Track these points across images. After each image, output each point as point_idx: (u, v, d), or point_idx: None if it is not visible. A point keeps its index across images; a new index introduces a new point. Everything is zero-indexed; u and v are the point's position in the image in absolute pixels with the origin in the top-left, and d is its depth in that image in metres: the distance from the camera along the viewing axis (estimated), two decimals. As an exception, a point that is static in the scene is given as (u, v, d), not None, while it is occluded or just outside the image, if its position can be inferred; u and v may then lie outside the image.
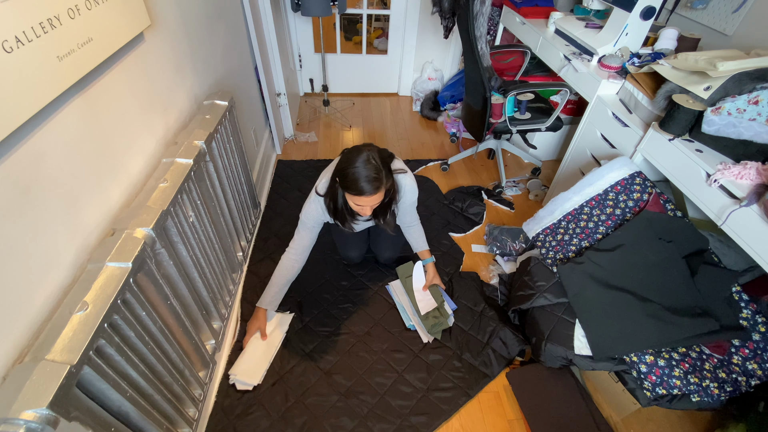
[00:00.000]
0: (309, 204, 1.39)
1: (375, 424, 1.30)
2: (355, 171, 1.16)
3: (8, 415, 0.58)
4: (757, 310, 1.21)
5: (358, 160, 1.16)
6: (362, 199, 1.20)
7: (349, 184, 1.18)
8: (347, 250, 1.72)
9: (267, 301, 1.47)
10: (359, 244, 1.72)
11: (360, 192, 1.17)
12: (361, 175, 1.15)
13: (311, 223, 1.42)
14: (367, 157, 1.17)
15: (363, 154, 1.17)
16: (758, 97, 1.11)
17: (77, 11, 0.76)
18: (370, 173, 1.16)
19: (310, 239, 1.46)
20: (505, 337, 1.51)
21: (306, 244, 1.46)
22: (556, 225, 1.59)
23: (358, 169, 1.15)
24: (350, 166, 1.16)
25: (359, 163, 1.16)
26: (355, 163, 1.16)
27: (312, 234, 1.45)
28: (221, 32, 1.61)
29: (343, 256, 1.77)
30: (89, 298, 0.73)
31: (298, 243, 1.46)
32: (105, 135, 0.90)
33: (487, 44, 1.88)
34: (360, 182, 1.16)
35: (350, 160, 1.17)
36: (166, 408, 0.98)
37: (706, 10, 1.73)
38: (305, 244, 1.46)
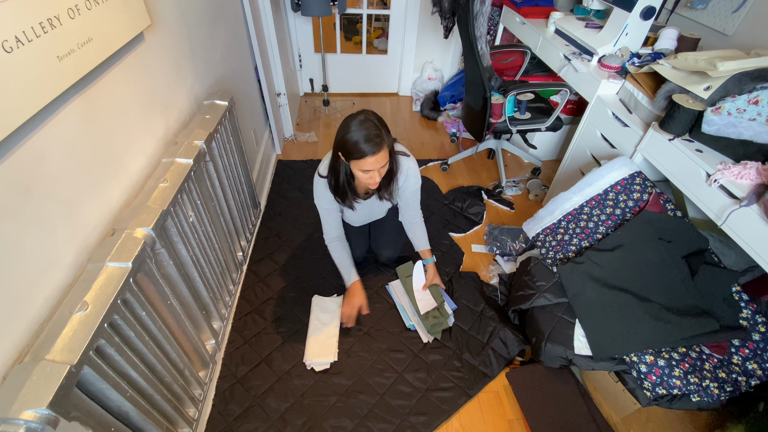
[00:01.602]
0: (317, 189, 1.40)
1: (375, 424, 1.30)
2: (354, 133, 1.14)
3: (8, 415, 0.58)
4: (757, 310, 1.21)
5: (354, 123, 1.15)
6: (367, 161, 1.16)
7: (351, 149, 1.15)
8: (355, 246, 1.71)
9: (354, 277, 1.54)
10: (360, 243, 1.71)
11: (363, 153, 1.14)
12: (360, 135, 1.13)
13: (326, 205, 1.44)
14: (364, 118, 1.15)
15: (359, 117, 1.16)
16: (758, 97, 1.11)
17: (77, 11, 0.76)
18: (369, 131, 1.13)
19: (335, 218, 1.49)
20: (505, 337, 1.51)
21: (335, 224, 1.50)
22: (556, 225, 1.59)
23: (357, 131, 1.14)
24: (348, 131, 1.15)
25: (355, 125, 1.14)
26: (352, 126, 1.15)
27: (334, 214, 1.48)
28: (221, 32, 1.61)
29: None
30: (89, 298, 0.73)
31: (328, 228, 1.50)
32: (105, 135, 0.90)
33: (487, 44, 1.88)
34: (361, 143, 1.13)
35: (347, 126, 1.16)
36: (166, 408, 0.98)
37: (706, 10, 1.73)
38: (335, 224, 1.50)
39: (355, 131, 1.14)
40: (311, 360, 1.43)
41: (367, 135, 1.13)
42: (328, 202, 1.42)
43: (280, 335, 1.52)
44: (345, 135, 1.16)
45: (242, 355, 1.45)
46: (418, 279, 1.68)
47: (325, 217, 1.48)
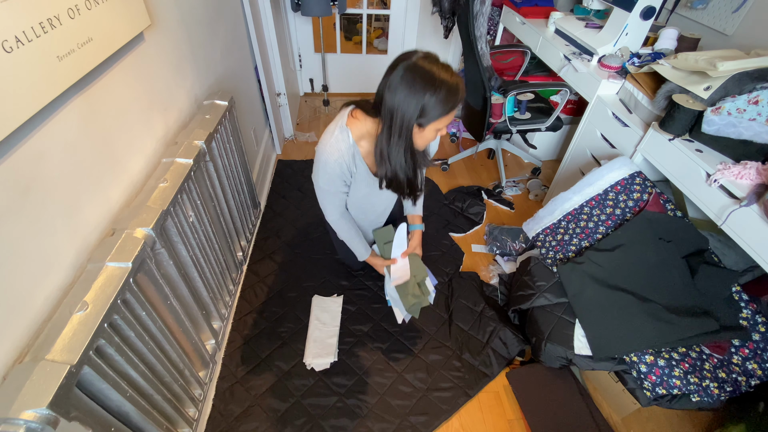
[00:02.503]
0: (325, 171, 1.13)
1: (375, 424, 1.30)
2: (446, 80, 0.90)
3: (8, 415, 0.58)
4: (757, 310, 1.21)
5: (437, 66, 0.91)
6: (454, 113, 0.96)
7: (444, 100, 0.92)
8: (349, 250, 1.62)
9: (365, 250, 1.39)
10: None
11: (459, 100, 0.93)
12: (453, 81, 0.91)
13: (334, 188, 1.20)
14: (429, 54, 0.93)
15: (425, 55, 0.92)
16: (758, 97, 1.11)
17: (77, 11, 0.75)
18: (453, 71, 0.92)
19: (341, 198, 1.26)
20: (505, 337, 1.51)
21: (339, 203, 1.27)
22: (556, 225, 1.59)
23: (445, 76, 0.90)
24: (439, 72, 0.90)
25: (440, 69, 0.90)
26: (436, 71, 0.90)
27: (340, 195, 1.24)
28: (221, 32, 1.61)
29: (347, 260, 1.71)
30: (89, 298, 0.73)
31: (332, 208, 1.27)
32: (105, 135, 0.90)
33: (487, 44, 1.88)
34: (457, 90, 0.92)
35: (430, 70, 0.90)
36: (166, 408, 0.98)
37: (706, 10, 1.73)
38: (339, 204, 1.27)
39: (447, 70, 0.91)
40: (311, 360, 1.43)
41: (457, 77, 0.91)
42: (336, 185, 1.19)
43: (280, 335, 1.52)
44: (439, 79, 0.90)
45: (242, 355, 1.45)
46: (399, 245, 1.41)
47: (328, 198, 1.24)
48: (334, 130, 1.11)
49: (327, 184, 1.18)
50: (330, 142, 1.10)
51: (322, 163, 1.13)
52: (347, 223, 1.34)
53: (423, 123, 0.97)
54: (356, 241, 1.38)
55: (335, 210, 1.29)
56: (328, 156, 1.10)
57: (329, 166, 1.12)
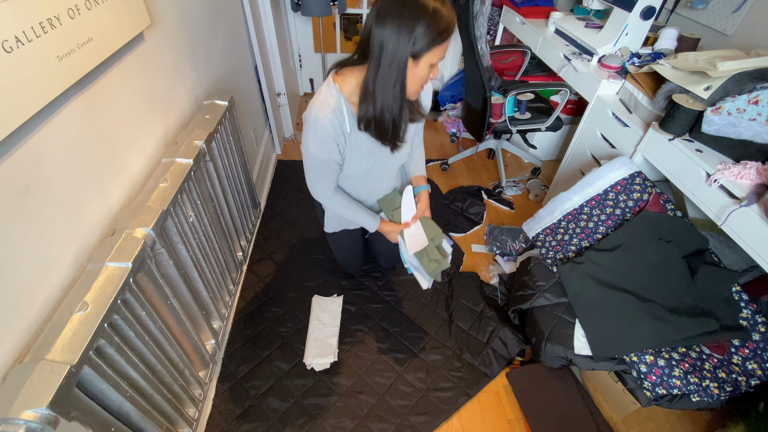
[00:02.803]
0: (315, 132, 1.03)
1: (375, 424, 1.30)
2: (432, 7, 0.86)
3: (8, 415, 0.58)
4: (757, 310, 1.21)
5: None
6: (446, 45, 0.92)
7: (435, 28, 0.87)
8: (347, 255, 1.62)
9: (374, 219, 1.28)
10: (357, 251, 1.62)
11: (448, 31, 0.89)
12: (441, 6, 0.87)
13: (325, 154, 1.08)
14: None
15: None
16: (758, 97, 1.11)
17: (77, 11, 0.75)
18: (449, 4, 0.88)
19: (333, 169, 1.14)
20: (505, 337, 1.51)
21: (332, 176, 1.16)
22: (556, 225, 1.59)
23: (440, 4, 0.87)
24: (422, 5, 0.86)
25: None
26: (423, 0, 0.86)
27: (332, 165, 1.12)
28: (221, 32, 1.61)
29: (346, 264, 1.70)
30: (89, 298, 0.73)
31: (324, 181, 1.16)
32: (105, 135, 0.90)
33: (487, 44, 1.88)
34: (447, 16, 0.87)
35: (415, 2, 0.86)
36: (166, 408, 0.98)
37: (706, 10, 1.73)
38: (332, 176, 1.16)
39: (437, 5, 0.86)
40: (311, 360, 1.43)
41: (449, 7, 0.87)
42: (329, 150, 1.07)
43: (280, 335, 1.52)
44: (429, 8, 0.86)
45: (242, 355, 1.45)
46: (408, 210, 1.32)
47: (320, 168, 1.12)
48: (320, 89, 1.04)
49: (318, 149, 1.06)
50: (318, 100, 1.02)
51: (311, 122, 1.03)
52: (343, 197, 1.23)
53: (417, 53, 0.91)
54: (360, 212, 1.26)
55: (327, 185, 1.18)
56: (317, 113, 1.01)
57: (319, 124, 1.01)
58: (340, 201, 1.23)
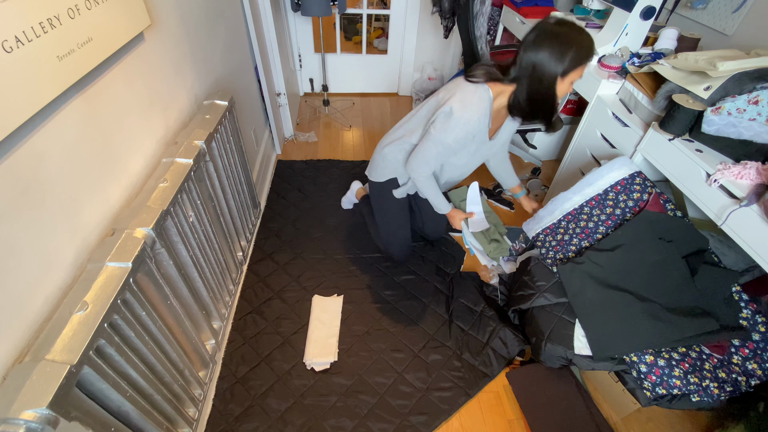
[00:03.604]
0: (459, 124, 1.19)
1: (375, 424, 1.30)
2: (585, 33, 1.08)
3: (8, 415, 0.58)
4: (757, 310, 1.21)
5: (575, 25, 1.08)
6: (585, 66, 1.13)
7: (587, 51, 1.09)
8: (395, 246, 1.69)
9: (446, 205, 1.49)
10: (406, 220, 1.67)
11: (592, 54, 1.10)
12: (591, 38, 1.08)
13: (456, 145, 1.26)
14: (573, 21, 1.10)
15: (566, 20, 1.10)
16: (758, 97, 1.11)
17: (77, 11, 0.75)
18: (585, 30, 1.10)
19: (440, 163, 1.38)
20: (505, 337, 1.51)
21: (432, 170, 1.37)
22: (556, 225, 1.59)
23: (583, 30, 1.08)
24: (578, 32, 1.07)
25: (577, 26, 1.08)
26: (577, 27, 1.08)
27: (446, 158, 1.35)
28: (221, 32, 1.61)
29: (392, 250, 1.73)
30: (89, 298, 0.73)
31: (432, 164, 1.33)
32: (105, 135, 0.90)
33: (487, 44, 1.88)
34: (591, 42, 1.08)
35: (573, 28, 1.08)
36: (166, 408, 0.98)
37: (706, 10, 1.73)
38: (432, 170, 1.37)
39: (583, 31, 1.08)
40: (311, 360, 1.43)
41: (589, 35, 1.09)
42: (463, 144, 1.27)
43: (280, 335, 1.52)
44: (578, 37, 1.08)
45: (242, 355, 1.45)
46: (472, 202, 1.55)
47: (441, 156, 1.30)
48: (474, 91, 1.20)
49: (457, 141, 1.24)
50: (474, 102, 1.19)
51: (463, 120, 1.19)
52: (432, 182, 1.42)
53: (565, 72, 1.11)
54: (440, 196, 1.46)
55: (429, 169, 1.35)
56: (471, 114, 1.19)
57: (471, 124, 1.20)
58: (431, 183, 1.42)
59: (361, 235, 1.95)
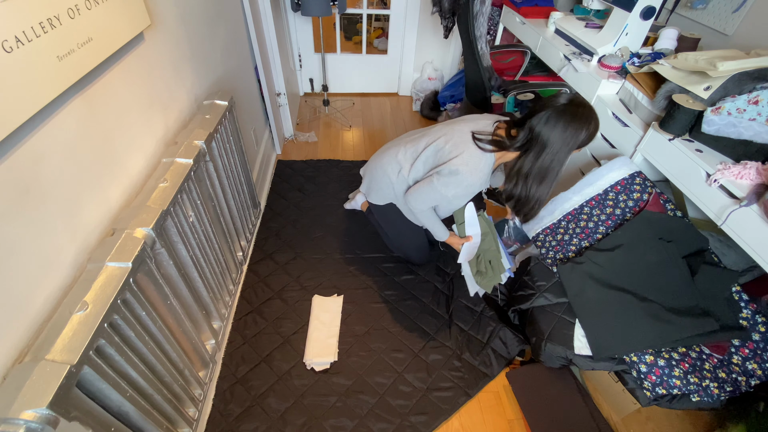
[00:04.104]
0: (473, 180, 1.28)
1: (375, 423, 1.30)
2: (594, 119, 1.17)
3: (8, 414, 0.58)
4: (757, 310, 1.21)
5: (586, 108, 1.17)
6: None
7: (593, 133, 1.19)
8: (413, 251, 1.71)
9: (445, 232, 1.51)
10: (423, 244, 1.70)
11: (597, 130, 1.20)
12: (597, 116, 1.18)
13: (466, 199, 1.41)
14: (582, 100, 1.19)
15: (577, 98, 1.18)
16: (758, 97, 1.11)
17: (77, 11, 0.75)
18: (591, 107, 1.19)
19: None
20: (505, 337, 1.51)
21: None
22: (556, 225, 1.59)
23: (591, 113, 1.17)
24: (591, 117, 1.16)
25: (587, 109, 1.17)
26: (588, 111, 1.16)
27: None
28: (221, 32, 1.61)
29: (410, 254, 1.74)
30: (89, 298, 0.73)
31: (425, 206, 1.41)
32: (105, 135, 0.90)
33: (487, 44, 1.88)
34: (598, 122, 1.18)
35: (591, 113, 1.17)
36: (166, 408, 0.98)
37: (706, 10, 1.73)
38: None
39: (593, 111, 1.18)
40: (311, 360, 1.43)
41: (594, 113, 1.18)
42: (460, 201, 1.41)
43: (280, 335, 1.52)
44: (591, 122, 1.17)
45: (242, 355, 1.45)
46: (470, 225, 1.53)
47: (435, 202, 1.40)
48: (478, 154, 1.27)
49: (456, 197, 1.34)
50: (480, 167, 1.27)
51: (467, 183, 1.28)
52: (430, 213, 1.47)
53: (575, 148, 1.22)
54: (438, 225, 1.50)
55: (427, 207, 1.42)
56: (472, 177, 1.27)
57: (472, 186, 1.30)
58: (430, 213, 1.46)
59: (361, 235, 1.95)
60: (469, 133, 1.29)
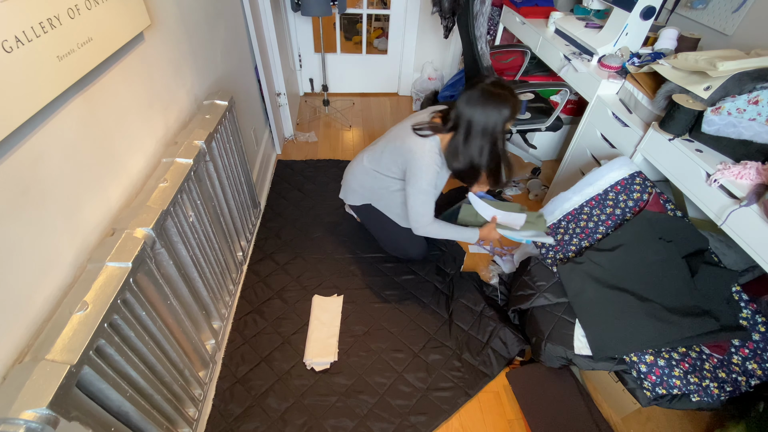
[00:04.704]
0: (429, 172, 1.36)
1: (375, 423, 1.30)
2: (512, 97, 1.23)
3: (8, 415, 0.58)
4: (757, 310, 1.21)
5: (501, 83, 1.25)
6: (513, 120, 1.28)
7: (516, 106, 1.25)
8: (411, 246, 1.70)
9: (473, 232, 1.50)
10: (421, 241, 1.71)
11: (519, 110, 1.28)
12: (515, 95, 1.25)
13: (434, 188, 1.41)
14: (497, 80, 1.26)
15: (498, 78, 1.27)
16: (758, 97, 1.11)
17: (77, 11, 0.75)
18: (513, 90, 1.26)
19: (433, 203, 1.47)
20: (505, 337, 1.51)
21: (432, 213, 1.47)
22: (556, 225, 1.59)
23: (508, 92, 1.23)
24: (511, 92, 1.23)
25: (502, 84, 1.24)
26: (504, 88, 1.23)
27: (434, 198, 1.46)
28: (221, 32, 1.61)
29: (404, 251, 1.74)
30: (89, 298, 0.73)
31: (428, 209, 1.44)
32: (105, 135, 0.90)
33: (487, 44, 1.88)
34: (518, 100, 1.25)
35: (509, 90, 1.24)
36: (166, 408, 0.98)
37: (706, 10, 1.73)
38: (432, 213, 1.46)
39: (514, 99, 1.24)
40: (311, 360, 1.43)
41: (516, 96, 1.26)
42: (437, 183, 1.43)
43: (280, 335, 1.52)
44: (514, 96, 1.24)
45: (242, 355, 1.45)
46: (483, 209, 1.56)
47: (429, 201, 1.43)
48: (424, 143, 1.36)
49: (430, 183, 1.38)
50: (425, 150, 1.36)
51: (425, 167, 1.36)
52: (441, 224, 1.49)
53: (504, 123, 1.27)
54: (458, 229, 1.50)
55: (430, 213, 1.45)
56: (429, 159, 1.35)
57: (431, 169, 1.36)
58: (439, 224, 1.48)
59: (361, 235, 1.95)
60: (410, 127, 1.39)
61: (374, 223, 1.71)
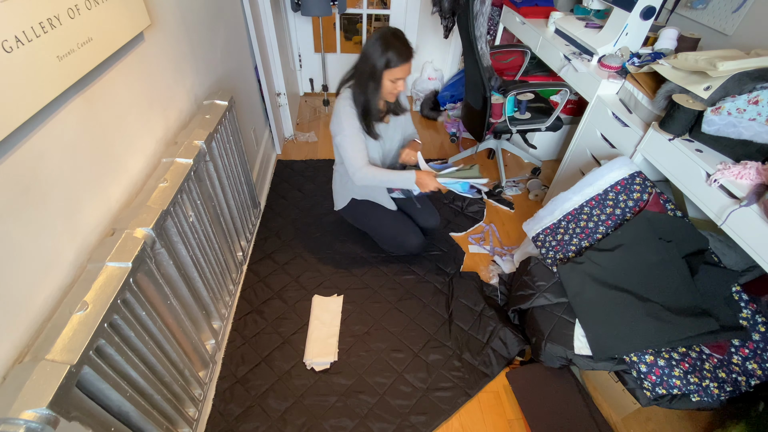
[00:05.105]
0: (343, 115, 1.43)
1: (375, 423, 1.30)
2: (395, 42, 1.30)
3: (8, 415, 0.58)
4: (757, 310, 1.21)
5: (390, 35, 1.31)
6: (403, 68, 1.34)
7: (393, 56, 1.31)
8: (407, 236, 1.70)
9: (410, 173, 1.51)
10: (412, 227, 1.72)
11: (403, 60, 1.32)
12: (400, 44, 1.31)
13: (354, 130, 1.45)
14: (396, 30, 1.33)
15: (391, 30, 1.33)
16: (758, 97, 1.11)
17: (77, 11, 0.76)
18: (406, 41, 1.33)
19: (364, 144, 1.49)
20: (505, 337, 1.51)
21: (364, 151, 1.48)
22: (556, 225, 1.59)
23: (397, 40, 1.30)
24: (389, 41, 1.30)
25: (392, 36, 1.31)
26: (390, 38, 1.30)
27: (361, 137, 1.48)
28: (221, 32, 1.61)
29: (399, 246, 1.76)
30: (89, 298, 0.73)
31: (358, 155, 1.47)
32: (105, 135, 0.90)
33: (487, 44, 1.88)
34: (403, 51, 1.31)
35: (385, 37, 1.31)
36: (166, 408, 0.98)
37: (706, 10, 1.73)
38: (363, 151, 1.48)
39: (395, 41, 1.30)
40: (311, 360, 1.43)
41: (406, 43, 1.33)
42: (358, 125, 1.46)
43: (280, 335, 1.52)
44: (387, 44, 1.30)
45: (242, 355, 1.45)
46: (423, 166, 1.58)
47: (357, 143, 1.46)
48: (337, 100, 1.48)
49: (351, 126, 1.44)
50: (340, 100, 1.46)
51: (342, 113, 1.44)
52: (377, 168, 1.49)
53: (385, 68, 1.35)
54: (394, 174, 1.50)
55: (363, 159, 1.47)
56: (341, 107, 1.44)
57: (347, 111, 1.44)
58: (375, 170, 1.49)
59: (361, 235, 1.95)
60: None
61: (365, 219, 1.74)
